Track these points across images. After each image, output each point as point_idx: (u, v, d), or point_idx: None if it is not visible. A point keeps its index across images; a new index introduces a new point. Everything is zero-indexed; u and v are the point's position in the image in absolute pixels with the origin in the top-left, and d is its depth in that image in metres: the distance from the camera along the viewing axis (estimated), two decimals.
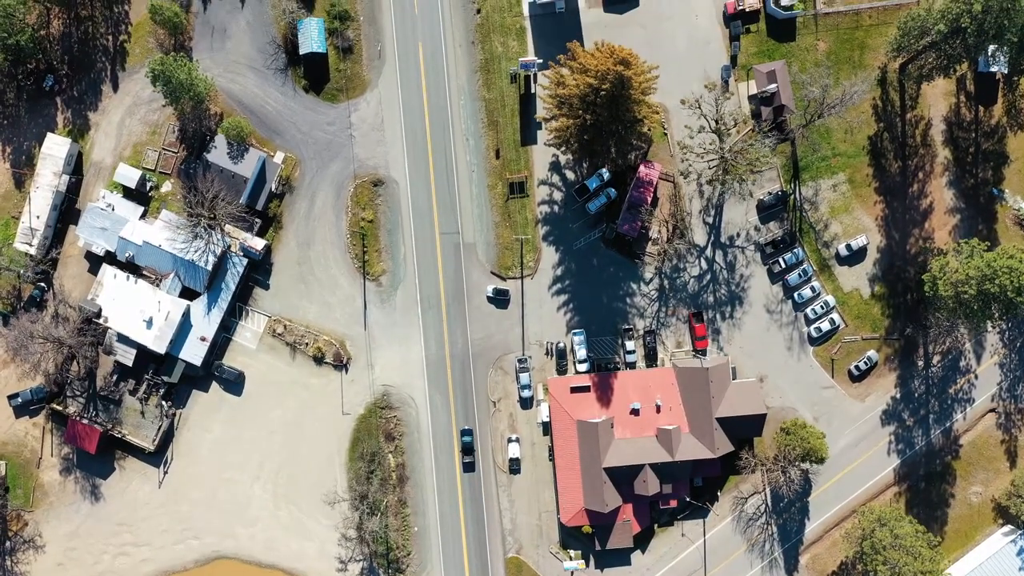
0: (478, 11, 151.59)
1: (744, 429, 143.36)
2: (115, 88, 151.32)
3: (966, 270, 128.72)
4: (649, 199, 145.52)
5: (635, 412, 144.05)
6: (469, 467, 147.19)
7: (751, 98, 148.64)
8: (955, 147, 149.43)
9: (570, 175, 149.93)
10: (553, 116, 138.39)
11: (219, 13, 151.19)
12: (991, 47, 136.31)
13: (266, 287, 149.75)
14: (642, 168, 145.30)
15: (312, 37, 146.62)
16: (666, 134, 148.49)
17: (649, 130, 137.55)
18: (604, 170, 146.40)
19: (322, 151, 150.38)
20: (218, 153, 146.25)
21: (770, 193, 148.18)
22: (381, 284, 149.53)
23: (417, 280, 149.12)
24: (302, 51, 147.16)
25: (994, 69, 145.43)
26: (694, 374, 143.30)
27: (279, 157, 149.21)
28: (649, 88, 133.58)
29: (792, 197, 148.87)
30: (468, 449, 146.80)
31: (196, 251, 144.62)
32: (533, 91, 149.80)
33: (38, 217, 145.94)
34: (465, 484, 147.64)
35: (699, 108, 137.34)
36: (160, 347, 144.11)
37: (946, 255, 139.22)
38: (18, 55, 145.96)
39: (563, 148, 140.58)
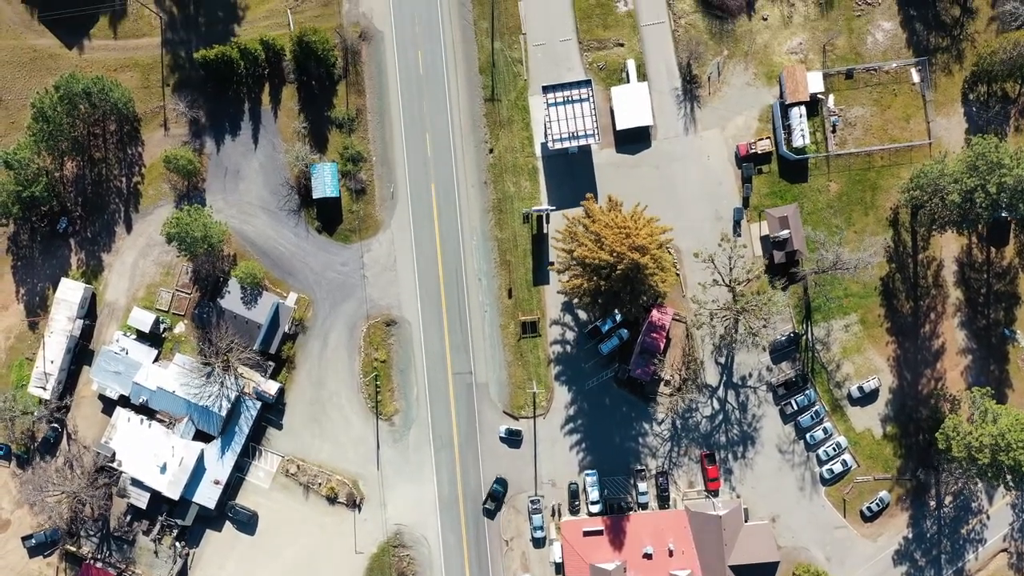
0: (491, 151, 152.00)
1: (757, 574, 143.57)
2: (128, 229, 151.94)
3: (979, 436, 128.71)
4: (661, 345, 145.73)
5: (648, 556, 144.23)
6: (489, 513, 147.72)
7: (763, 239, 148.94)
8: (967, 288, 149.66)
9: (582, 315, 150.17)
10: (567, 268, 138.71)
11: (232, 155, 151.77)
12: None
13: (279, 427, 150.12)
14: (655, 312, 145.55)
15: (326, 182, 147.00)
16: (678, 274, 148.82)
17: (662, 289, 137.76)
18: (616, 312, 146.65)
19: (335, 291, 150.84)
20: (231, 299, 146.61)
21: (782, 334, 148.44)
22: (394, 424, 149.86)
23: (430, 420, 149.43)
24: (315, 196, 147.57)
25: (1005, 214, 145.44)
26: (707, 520, 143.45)
27: (292, 298, 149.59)
28: (663, 255, 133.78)
29: (804, 338, 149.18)
30: (495, 496, 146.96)
31: (210, 396, 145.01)
32: (546, 231, 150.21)
33: (52, 362, 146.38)
34: None
35: (712, 263, 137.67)
36: (174, 493, 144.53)
37: (959, 410, 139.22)
38: (32, 203, 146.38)
39: (576, 301, 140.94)
